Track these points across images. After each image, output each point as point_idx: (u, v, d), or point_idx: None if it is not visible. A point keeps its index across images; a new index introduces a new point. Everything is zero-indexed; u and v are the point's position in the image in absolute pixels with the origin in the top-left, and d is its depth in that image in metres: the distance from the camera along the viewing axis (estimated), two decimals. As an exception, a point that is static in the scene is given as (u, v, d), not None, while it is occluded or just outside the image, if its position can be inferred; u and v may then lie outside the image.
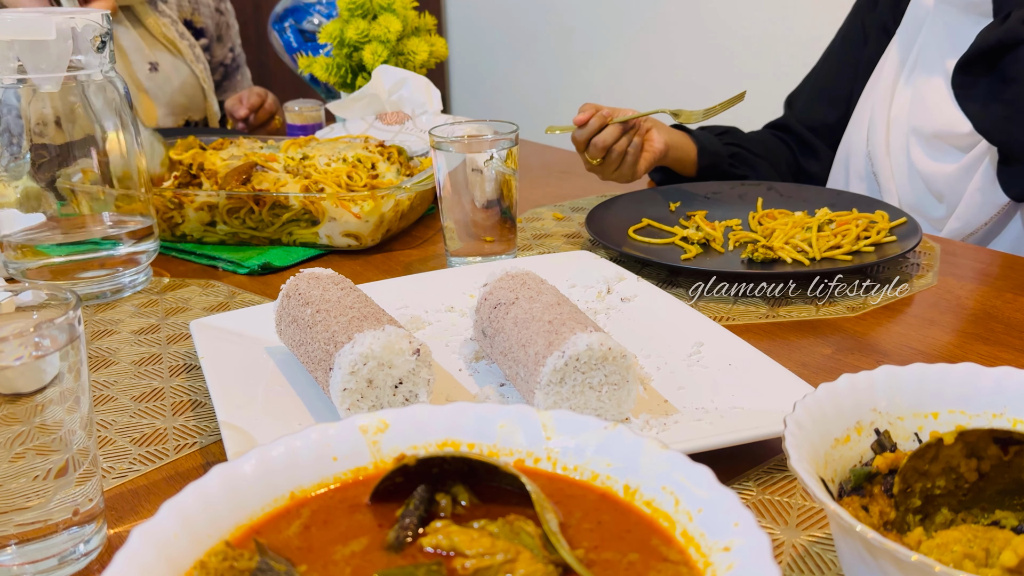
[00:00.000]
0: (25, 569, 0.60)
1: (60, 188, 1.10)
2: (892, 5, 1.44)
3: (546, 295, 0.79)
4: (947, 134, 1.30)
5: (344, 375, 0.71)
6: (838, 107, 1.52)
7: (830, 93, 1.52)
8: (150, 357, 0.94)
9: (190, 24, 2.04)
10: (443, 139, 1.08)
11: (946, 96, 1.30)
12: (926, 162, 1.33)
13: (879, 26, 1.46)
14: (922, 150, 1.34)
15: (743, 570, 0.41)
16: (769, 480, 0.70)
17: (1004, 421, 0.58)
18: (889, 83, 1.39)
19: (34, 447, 0.58)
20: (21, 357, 0.56)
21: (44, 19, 0.99)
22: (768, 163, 1.49)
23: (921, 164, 1.34)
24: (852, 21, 1.53)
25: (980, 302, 0.99)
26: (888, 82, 1.39)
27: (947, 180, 1.31)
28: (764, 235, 1.14)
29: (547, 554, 0.45)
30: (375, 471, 0.52)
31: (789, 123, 1.55)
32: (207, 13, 2.08)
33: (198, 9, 2.05)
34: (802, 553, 0.62)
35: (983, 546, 0.50)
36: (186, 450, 0.77)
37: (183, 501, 0.46)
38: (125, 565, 0.41)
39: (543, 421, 0.53)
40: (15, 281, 1.08)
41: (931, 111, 1.32)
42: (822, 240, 1.09)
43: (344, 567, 0.45)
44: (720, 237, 1.17)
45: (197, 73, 1.99)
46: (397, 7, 1.66)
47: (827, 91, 1.53)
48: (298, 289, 0.83)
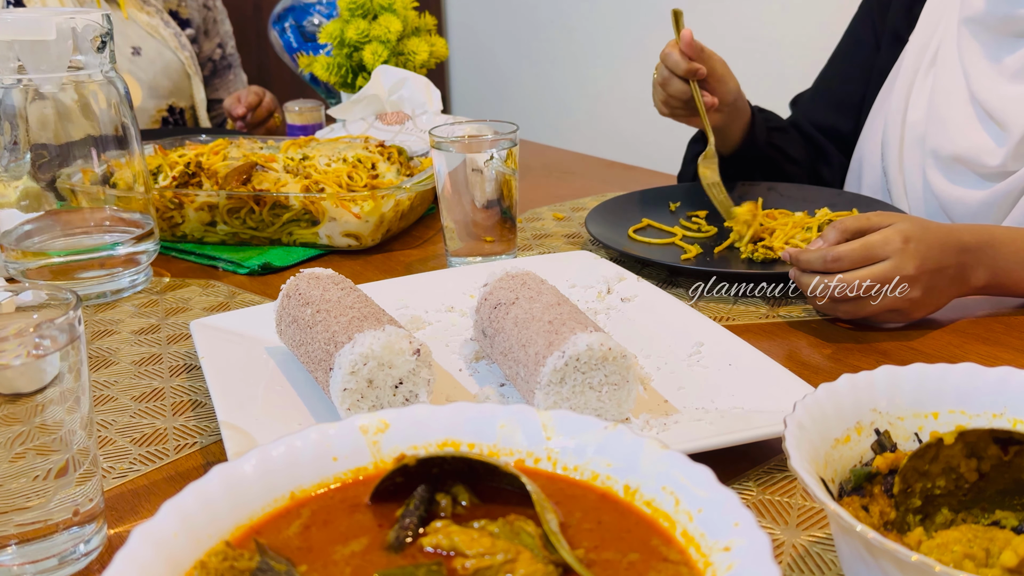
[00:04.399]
0: (25, 569, 0.60)
1: (60, 188, 1.10)
2: (905, 10, 1.33)
3: (546, 295, 0.79)
4: (969, 160, 1.18)
5: (344, 375, 0.71)
6: (848, 114, 1.41)
7: (840, 99, 1.42)
8: (150, 357, 0.94)
9: (175, 15, 2.06)
10: (443, 139, 1.08)
11: (971, 118, 1.19)
12: (945, 186, 1.22)
13: (891, 32, 1.35)
14: (940, 172, 1.22)
15: (743, 570, 0.41)
16: (769, 480, 0.70)
17: (1004, 421, 0.58)
18: (903, 95, 1.29)
19: (34, 447, 0.58)
20: (21, 357, 0.56)
21: (44, 19, 0.99)
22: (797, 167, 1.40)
23: (939, 187, 1.23)
24: (861, 23, 1.43)
25: (980, 302, 0.99)
26: (902, 93, 1.29)
27: (968, 210, 1.20)
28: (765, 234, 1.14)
29: (547, 554, 0.45)
30: (375, 471, 0.52)
31: (799, 124, 1.45)
32: (193, 6, 2.09)
33: (184, 1, 2.06)
34: (802, 553, 0.62)
35: (983, 546, 0.50)
36: (186, 450, 0.77)
37: (183, 501, 0.46)
38: (125, 565, 0.41)
39: (543, 421, 0.53)
40: (15, 281, 1.08)
41: (951, 132, 1.20)
42: (822, 240, 1.09)
43: (344, 567, 0.45)
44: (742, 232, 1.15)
45: (182, 59, 2.00)
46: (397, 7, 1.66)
47: (837, 97, 1.43)
48: (298, 289, 0.83)
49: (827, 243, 0.91)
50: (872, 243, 0.89)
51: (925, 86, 1.26)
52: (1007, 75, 1.14)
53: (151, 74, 1.95)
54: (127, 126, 1.08)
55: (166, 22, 1.98)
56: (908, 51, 1.30)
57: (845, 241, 0.91)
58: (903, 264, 0.88)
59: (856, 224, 0.91)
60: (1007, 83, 1.14)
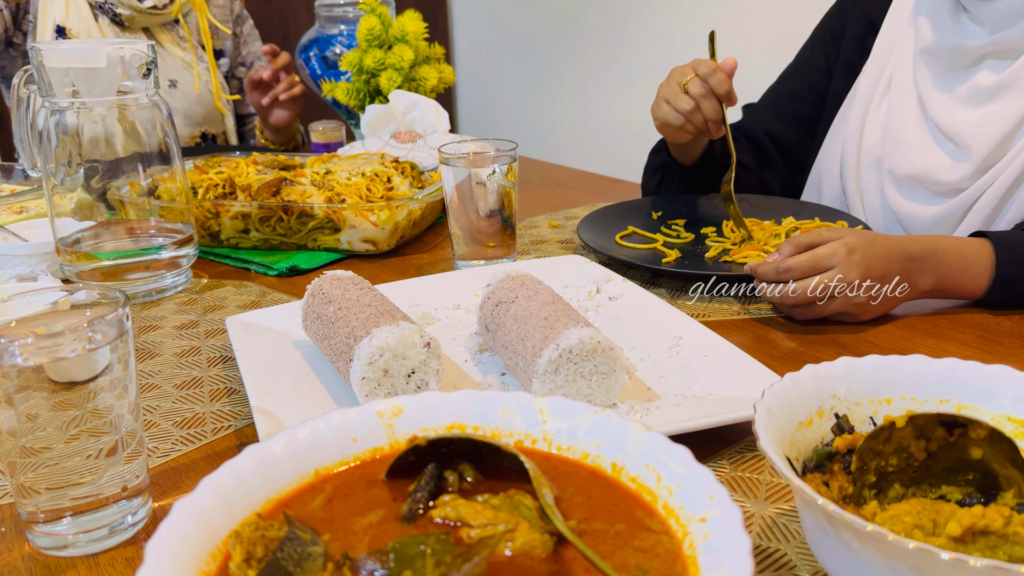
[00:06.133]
0: (79, 538, 0.60)
1: (110, 199, 1.10)
2: (858, 43, 1.31)
3: (542, 294, 0.79)
4: (925, 178, 1.16)
5: (363, 365, 0.71)
6: (794, 127, 1.38)
7: (789, 114, 1.39)
8: (190, 349, 0.94)
9: None
10: (451, 155, 1.08)
11: (927, 140, 1.17)
12: (902, 202, 1.20)
13: (844, 62, 1.33)
14: (897, 191, 1.21)
15: (718, 539, 0.41)
16: (741, 459, 0.70)
17: (950, 406, 0.58)
18: (858, 121, 1.27)
19: (87, 429, 0.58)
20: (76, 349, 0.57)
21: (96, 49, 0.99)
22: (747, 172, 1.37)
23: (896, 204, 1.21)
24: (813, 49, 1.39)
25: (928, 302, 0.99)
26: (857, 119, 1.27)
27: (923, 224, 1.17)
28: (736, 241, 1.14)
29: (543, 524, 0.45)
30: (390, 451, 0.52)
31: (749, 130, 1.39)
32: (224, 36, 2.06)
33: (216, 34, 2.04)
34: (770, 524, 0.62)
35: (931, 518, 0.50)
36: (222, 432, 0.77)
37: (219, 477, 0.46)
38: (168, 534, 0.41)
39: (540, 406, 0.53)
40: (70, 282, 1.08)
41: (907, 154, 1.18)
42: (788, 245, 1.09)
43: (363, 536, 0.45)
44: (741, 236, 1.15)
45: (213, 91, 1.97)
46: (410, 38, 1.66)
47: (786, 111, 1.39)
48: (322, 289, 0.83)
49: (782, 256, 0.92)
50: (819, 255, 0.90)
51: (879, 112, 1.25)
52: (960, 101, 1.14)
53: (186, 103, 1.92)
54: (169, 144, 1.08)
55: (200, 57, 1.96)
56: (862, 80, 1.28)
57: (798, 253, 0.92)
58: (847, 272, 0.89)
59: (808, 239, 0.92)
60: (961, 108, 1.14)
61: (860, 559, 0.46)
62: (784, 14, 2.57)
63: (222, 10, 2.03)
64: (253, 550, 0.43)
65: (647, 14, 3.01)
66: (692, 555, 0.42)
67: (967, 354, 0.86)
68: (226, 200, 1.21)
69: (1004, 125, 1.09)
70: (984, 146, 1.10)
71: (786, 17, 2.56)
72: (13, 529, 0.64)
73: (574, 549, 0.43)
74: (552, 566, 0.43)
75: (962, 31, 1.14)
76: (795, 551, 0.59)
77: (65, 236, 1.07)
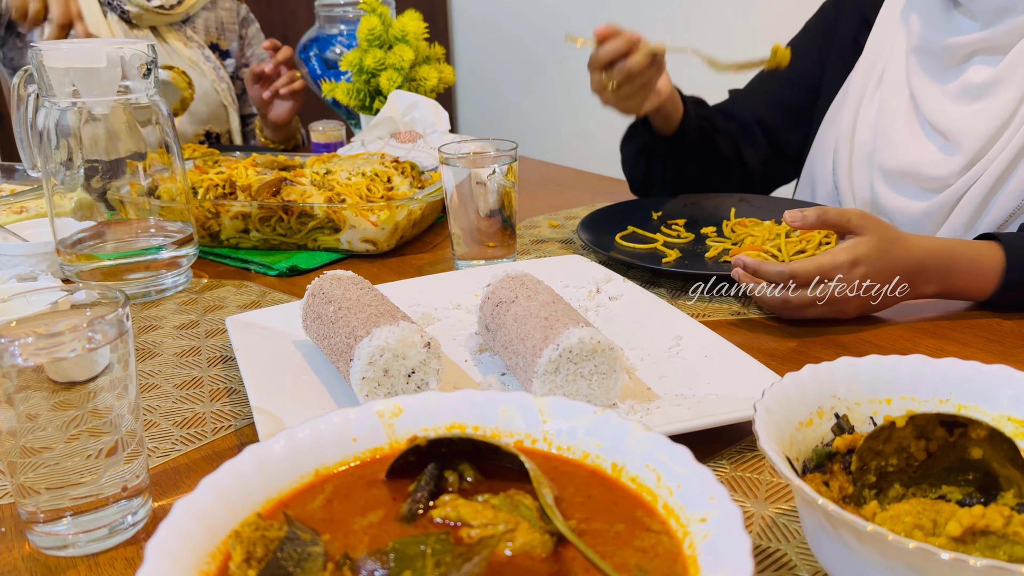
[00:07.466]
0: (79, 538, 0.60)
1: (110, 199, 1.10)
2: (851, 41, 1.32)
3: (542, 294, 0.79)
4: (913, 173, 1.17)
5: (363, 365, 0.71)
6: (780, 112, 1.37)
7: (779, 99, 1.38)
8: (190, 349, 0.94)
9: (216, 47, 2.02)
10: (451, 155, 1.08)
11: (917, 134, 1.18)
12: (891, 197, 1.21)
13: (837, 58, 1.33)
14: (886, 185, 1.21)
15: (718, 539, 0.41)
16: (741, 459, 0.70)
17: (950, 406, 0.58)
18: (851, 116, 1.28)
19: (87, 429, 0.58)
20: (76, 349, 0.56)
21: (96, 49, 0.99)
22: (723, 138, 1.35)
23: (885, 199, 1.21)
24: (806, 40, 1.39)
25: (929, 301, 0.99)
26: (850, 115, 1.28)
27: (911, 219, 1.18)
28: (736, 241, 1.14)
29: (543, 524, 0.45)
30: (390, 451, 0.52)
31: (732, 110, 1.38)
32: (231, 37, 2.07)
33: (224, 34, 2.04)
34: (770, 524, 0.62)
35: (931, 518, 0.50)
36: (222, 432, 0.77)
37: (219, 477, 0.46)
38: (168, 534, 0.41)
39: (539, 406, 0.53)
40: (70, 282, 1.08)
41: (896, 149, 1.20)
42: (789, 245, 1.09)
43: (363, 536, 0.45)
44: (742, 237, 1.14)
45: (219, 91, 1.98)
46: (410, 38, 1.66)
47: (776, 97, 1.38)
48: (322, 289, 0.83)
49: (806, 222, 0.91)
50: (823, 266, 0.89)
51: (872, 107, 1.26)
52: (951, 97, 1.15)
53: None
54: (169, 144, 1.08)
55: (207, 56, 1.96)
56: (855, 76, 1.29)
57: (821, 223, 0.90)
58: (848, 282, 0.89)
59: (835, 218, 0.90)
60: (953, 104, 1.14)
61: (860, 559, 0.46)
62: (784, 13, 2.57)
63: (229, 13, 2.04)
64: (253, 550, 0.42)
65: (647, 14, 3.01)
66: (692, 555, 0.42)
67: (967, 354, 0.86)
68: (226, 200, 1.21)
69: (995, 121, 1.10)
70: (975, 141, 1.11)
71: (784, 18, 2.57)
72: (13, 529, 0.64)
73: (574, 549, 0.43)
74: (552, 566, 0.43)
75: (953, 27, 1.15)
76: (795, 551, 0.58)
77: (65, 236, 1.07)
